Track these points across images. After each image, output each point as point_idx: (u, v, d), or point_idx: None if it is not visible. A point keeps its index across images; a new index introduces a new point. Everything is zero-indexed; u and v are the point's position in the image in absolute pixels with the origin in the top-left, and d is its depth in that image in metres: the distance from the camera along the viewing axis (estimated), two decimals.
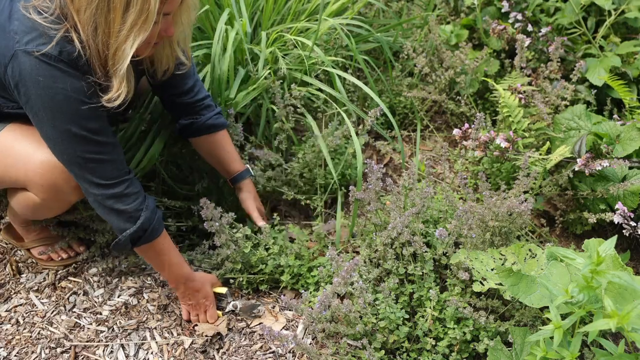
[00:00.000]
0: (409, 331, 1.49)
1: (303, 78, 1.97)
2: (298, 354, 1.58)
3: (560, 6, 2.37)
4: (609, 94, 2.12)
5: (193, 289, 1.61)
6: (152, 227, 1.46)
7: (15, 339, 1.61)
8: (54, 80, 1.25)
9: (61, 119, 1.30)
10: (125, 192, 1.41)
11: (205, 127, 1.69)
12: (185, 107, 1.67)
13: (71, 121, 1.30)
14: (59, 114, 1.29)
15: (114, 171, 1.39)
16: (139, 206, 1.43)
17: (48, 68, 1.25)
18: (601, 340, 1.07)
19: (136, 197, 1.43)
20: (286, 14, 2.25)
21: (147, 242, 1.48)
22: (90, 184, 1.39)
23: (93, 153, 1.35)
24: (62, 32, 1.24)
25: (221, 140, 1.74)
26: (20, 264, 1.83)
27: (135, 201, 1.43)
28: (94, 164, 1.36)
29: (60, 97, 1.27)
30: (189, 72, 1.63)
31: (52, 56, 1.24)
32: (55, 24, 1.24)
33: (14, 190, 1.55)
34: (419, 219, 1.61)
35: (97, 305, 1.71)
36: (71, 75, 1.27)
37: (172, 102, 1.67)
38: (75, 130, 1.31)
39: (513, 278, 1.29)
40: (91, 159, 1.36)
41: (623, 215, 1.62)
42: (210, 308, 1.64)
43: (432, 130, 2.39)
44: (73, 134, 1.31)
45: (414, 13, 2.72)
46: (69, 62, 1.26)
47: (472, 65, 2.25)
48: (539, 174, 1.75)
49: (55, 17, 1.24)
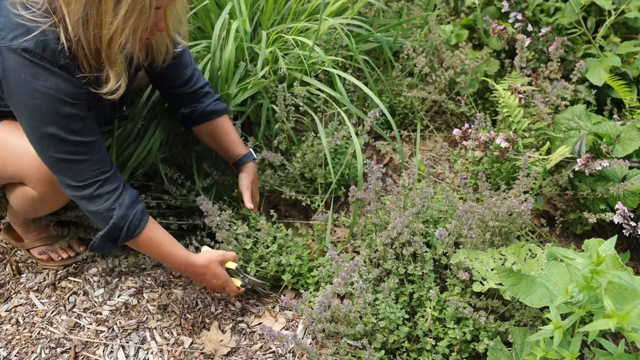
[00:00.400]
0: (409, 331, 1.49)
1: (303, 78, 1.97)
2: (298, 354, 1.58)
3: (560, 6, 2.37)
4: (609, 94, 2.12)
5: (196, 273, 1.57)
6: (129, 224, 1.42)
7: (15, 339, 1.61)
8: (36, 78, 1.25)
9: (39, 118, 1.29)
10: (96, 193, 1.38)
11: (206, 113, 1.69)
12: (185, 97, 1.67)
13: (49, 121, 1.29)
14: (39, 112, 1.28)
15: (86, 173, 1.37)
16: (112, 205, 1.40)
17: (31, 65, 1.24)
18: (601, 340, 1.07)
19: (109, 196, 1.40)
20: (286, 13, 2.25)
21: (128, 239, 1.45)
22: (64, 185, 1.39)
23: (67, 154, 1.34)
24: (48, 26, 1.23)
25: (223, 126, 1.73)
26: (20, 264, 1.83)
27: (107, 201, 1.39)
28: (67, 164, 1.35)
29: (40, 96, 1.26)
30: (186, 61, 1.62)
31: (36, 54, 1.23)
32: (42, 18, 1.23)
33: (12, 186, 1.54)
34: (419, 219, 1.61)
35: (97, 305, 1.71)
36: (54, 74, 1.26)
37: (172, 94, 1.67)
38: (52, 130, 1.29)
39: (513, 278, 1.29)
40: (64, 159, 1.34)
41: (623, 215, 1.62)
42: (227, 285, 1.60)
43: (432, 130, 2.39)
44: (49, 134, 1.30)
45: (414, 13, 2.72)
46: (52, 59, 1.25)
47: (472, 65, 2.25)
48: (539, 174, 1.75)
49: (42, 11, 1.23)
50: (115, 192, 1.41)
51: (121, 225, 1.42)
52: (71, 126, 1.31)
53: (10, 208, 1.70)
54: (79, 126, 1.33)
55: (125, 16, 1.20)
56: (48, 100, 1.27)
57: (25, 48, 1.22)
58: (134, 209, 1.44)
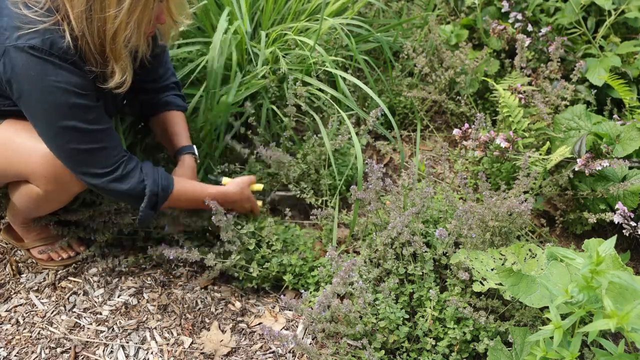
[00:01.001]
0: (409, 331, 1.49)
1: (304, 78, 1.97)
2: (298, 354, 1.58)
3: (560, 6, 2.37)
4: (609, 94, 2.12)
5: (232, 200, 1.67)
6: (161, 187, 1.50)
7: (15, 339, 1.61)
8: (46, 74, 1.26)
9: (54, 114, 1.30)
10: (125, 172, 1.44)
11: (163, 103, 1.72)
12: (152, 91, 1.71)
13: (64, 115, 1.31)
14: (52, 108, 1.30)
15: (110, 158, 1.42)
16: (140, 178, 1.47)
17: (39, 62, 1.24)
18: (601, 340, 1.07)
19: (134, 172, 1.46)
20: (286, 13, 2.25)
21: (166, 199, 1.52)
22: (89, 175, 1.41)
23: (89, 143, 1.36)
24: (51, 24, 1.23)
25: (175, 118, 1.75)
26: (20, 264, 1.83)
27: (135, 177, 1.46)
28: (90, 154, 1.38)
29: (53, 90, 1.27)
30: (164, 58, 1.66)
31: (44, 50, 1.24)
32: (46, 17, 1.23)
33: (16, 185, 1.54)
34: (419, 219, 1.61)
35: (97, 305, 1.71)
36: (63, 68, 1.27)
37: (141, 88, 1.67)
38: (68, 123, 1.31)
39: (513, 278, 1.29)
40: (87, 149, 1.37)
41: (623, 215, 1.62)
42: (255, 206, 1.74)
43: (432, 130, 2.39)
44: (68, 127, 1.32)
45: (414, 13, 2.72)
46: (60, 55, 1.26)
47: (472, 65, 2.25)
48: (539, 174, 1.75)
49: (45, 9, 1.24)
50: (137, 167, 1.48)
51: (156, 191, 1.49)
52: (87, 117, 1.34)
53: (10, 208, 1.70)
54: (94, 116, 1.36)
55: (129, 10, 1.21)
56: (61, 95, 1.28)
57: (32, 45, 1.23)
58: (157, 173, 1.52)
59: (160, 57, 1.65)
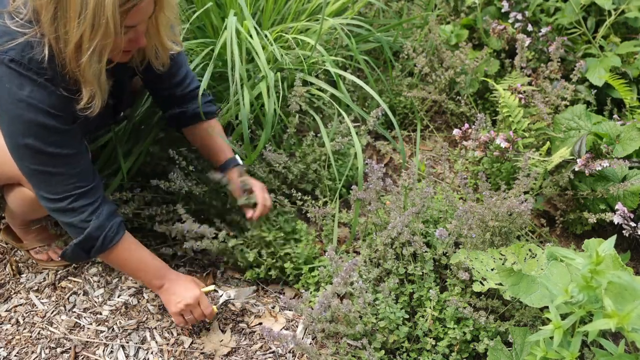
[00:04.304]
0: (409, 331, 1.49)
1: (305, 77, 1.96)
2: (298, 354, 1.58)
3: (560, 6, 2.37)
4: (609, 94, 2.12)
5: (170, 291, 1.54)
6: (104, 236, 1.42)
7: (15, 339, 1.61)
8: (21, 88, 1.23)
9: (19, 128, 1.27)
10: (69, 206, 1.37)
11: (197, 114, 1.66)
12: (177, 98, 1.65)
13: (28, 131, 1.27)
14: (18, 122, 1.26)
15: (60, 186, 1.36)
16: (88, 217, 1.39)
17: (16, 76, 1.22)
18: (601, 340, 1.07)
19: (83, 210, 1.39)
20: (286, 13, 2.25)
21: (103, 250, 1.44)
22: (39, 195, 1.38)
23: (42, 165, 1.32)
24: (31, 36, 1.21)
25: (208, 129, 1.70)
26: (20, 264, 1.83)
27: (82, 214, 1.39)
28: (41, 176, 1.34)
29: (23, 106, 1.24)
30: (180, 62, 1.60)
31: (22, 64, 1.21)
32: (26, 28, 1.20)
33: (11, 187, 1.54)
34: (419, 219, 1.61)
35: (97, 305, 1.71)
36: (40, 85, 1.24)
37: (164, 96, 1.65)
38: (29, 141, 1.28)
39: (513, 278, 1.29)
40: (39, 171, 1.33)
41: (623, 216, 1.62)
42: (203, 302, 1.56)
43: (432, 130, 2.39)
44: (26, 145, 1.28)
45: (414, 13, 2.72)
46: (38, 70, 1.23)
47: (472, 65, 2.25)
48: (539, 175, 1.75)
49: (26, 20, 1.21)
50: (90, 206, 1.40)
51: (97, 235, 1.41)
52: (50, 138, 1.29)
53: (7, 210, 1.70)
54: (58, 139, 1.31)
55: (90, 37, 1.16)
56: (30, 111, 1.25)
57: (12, 59, 1.20)
58: (111, 221, 1.44)
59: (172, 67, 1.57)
